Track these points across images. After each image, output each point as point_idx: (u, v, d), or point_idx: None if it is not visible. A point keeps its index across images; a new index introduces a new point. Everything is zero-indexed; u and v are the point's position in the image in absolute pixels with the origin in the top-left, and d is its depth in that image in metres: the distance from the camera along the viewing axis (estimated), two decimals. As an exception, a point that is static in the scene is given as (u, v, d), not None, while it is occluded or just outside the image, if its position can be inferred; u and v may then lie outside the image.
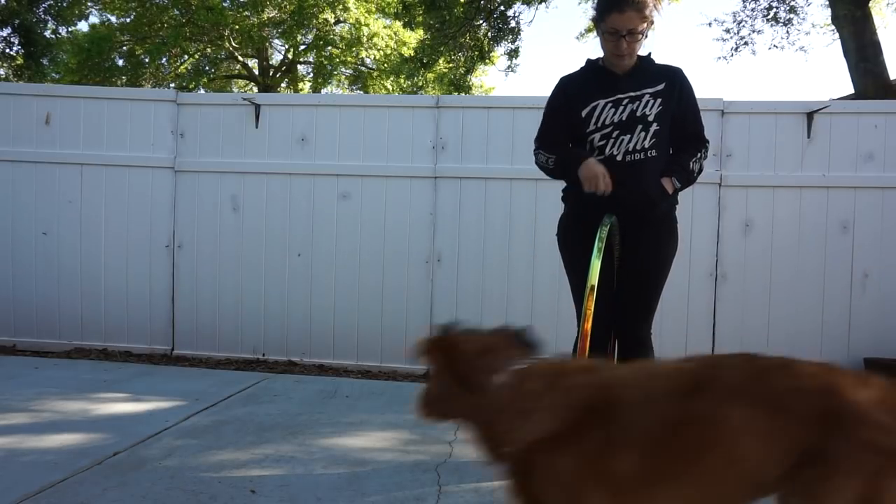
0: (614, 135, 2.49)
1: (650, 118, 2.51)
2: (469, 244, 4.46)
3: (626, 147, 2.48)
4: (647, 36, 2.49)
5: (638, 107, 2.51)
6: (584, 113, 2.52)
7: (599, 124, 2.50)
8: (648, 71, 2.58)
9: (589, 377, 1.34)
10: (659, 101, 2.53)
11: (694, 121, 2.64)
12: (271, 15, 15.03)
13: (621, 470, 1.22)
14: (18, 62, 15.34)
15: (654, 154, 2.50)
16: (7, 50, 15.03)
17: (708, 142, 2.67)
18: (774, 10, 10.52)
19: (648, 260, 2.52)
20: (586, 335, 2.08)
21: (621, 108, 2.50)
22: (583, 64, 2.71)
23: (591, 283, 2.13)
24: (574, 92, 2.59)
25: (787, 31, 10.71)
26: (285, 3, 14.90)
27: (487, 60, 14.17)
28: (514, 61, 13.13)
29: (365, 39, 15.48)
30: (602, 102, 2.50)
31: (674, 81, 2.58)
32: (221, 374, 4.29)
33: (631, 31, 2.41)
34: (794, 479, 1.17)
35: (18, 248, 4.75)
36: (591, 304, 2.11)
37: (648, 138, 2.48)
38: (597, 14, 2.51)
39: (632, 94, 2.51)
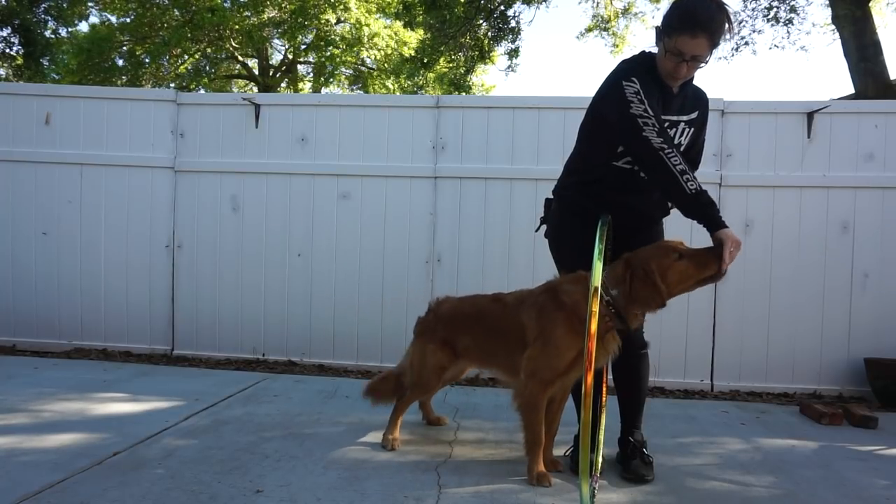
0: None
1: (680, 149, 2.52)
2: (469, 244, 4.46)
3: None
4: (708, 63, 2.40)
5: (674, 135, 2.50)
6: None
7: None
8: (688, 94, 2.54)
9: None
10: (691, 131, 2.55)
11: (699, 151, 2.70)
12: (271, 15, 15.02)
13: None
14: (18, 62, 15.34)
15: None
16: (7, 50, 15.02)
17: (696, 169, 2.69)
18: (775, 9, 10.51)
19: None
20: (592, 336, 2.08)
21: None
22: (636, 55, 2.56)
23: (595, 284, 2.13)
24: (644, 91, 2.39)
25: (788, 31, 10.71)
26: (285, 3, 14.88)
27: (487, 60, 14.16)
28: (514, 61, 13.12)
29: (365, 39, 15.46)
30: None
31: (704, 112, 2.60)
32: (221, 374, 4.29)
33: (696, 56, 2.34)
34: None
35: (18, 248, 4.75)
36: (595, 306, 2.11)
37: None
38: (664, 28, 2.39)
39: (672, 118, 2.48)
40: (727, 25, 2.37)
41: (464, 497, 2.32)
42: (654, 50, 2.51)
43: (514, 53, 13.02)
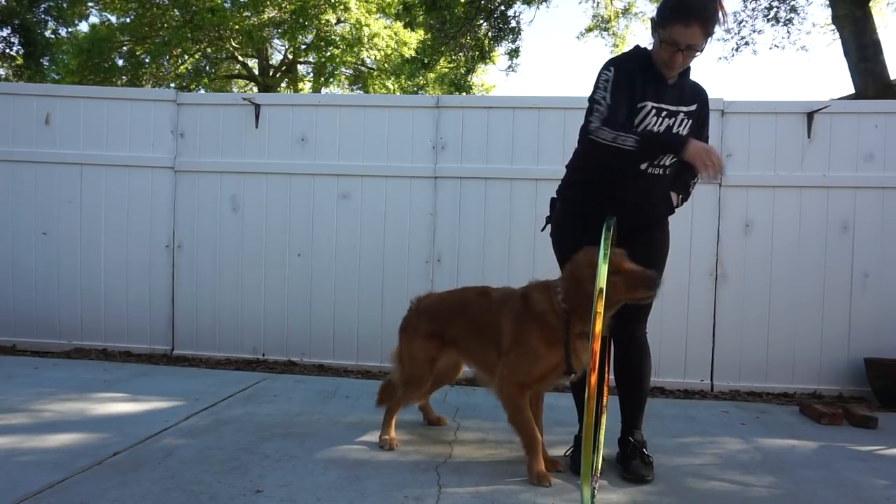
0: None
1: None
2: (469, 244, 4.46)
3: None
4: (703, 51, 2.42)
5: (673, 124, 2.50)
6: (637, 106, 2.46)
7: (641, 127, 2.46)
8: (686, 86, 2.56)
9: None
10: (690, 122, 2.55)
11: None
12: (271, 15, 15.02)
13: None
14: (18, 62, 15.34)
15: (669, 172, 2.54)
16: (7, 50, 15.03)
17: None
18: (775, 9, 10.51)
19: (645, 261, 2.53)
20: (597, 337, 2.08)
21: (660, 119, 2.48)
22: (630, 49, 2.60)
23: (600, 285, 2.13)
24: (634, 80, 2.45)
25: (788, 31, 10.71)
26: (285, 3, 14.89)
27: (488, 60, 14.16)
28: (515, 61, 13.12)
29: (365, 39, 15.46)
30: (650, 106, 2.46)
31: (703, 105, 2.62)
32: (221, 374, 4.29)
33: (690, 46, 2.37)
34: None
35: (18, 248, 4.75)
36: (600, 307, 2.11)
37: (670, 158, 2.49)
38: (658, 19, 2.43)
39: (671, 108, 2.50)
40: (720, 14, 2.39)
41: (464, 497, 2.32)
42: (651, 46, 2.54)
43: (514, 53, 13.02)
